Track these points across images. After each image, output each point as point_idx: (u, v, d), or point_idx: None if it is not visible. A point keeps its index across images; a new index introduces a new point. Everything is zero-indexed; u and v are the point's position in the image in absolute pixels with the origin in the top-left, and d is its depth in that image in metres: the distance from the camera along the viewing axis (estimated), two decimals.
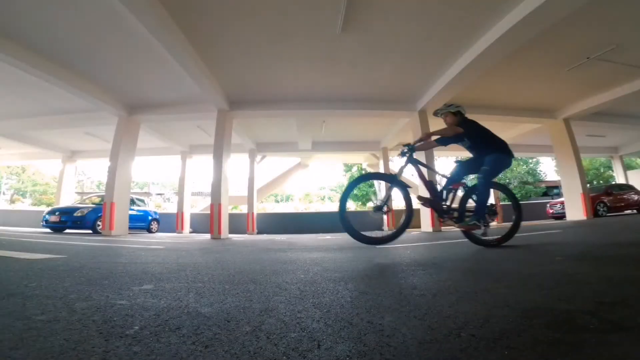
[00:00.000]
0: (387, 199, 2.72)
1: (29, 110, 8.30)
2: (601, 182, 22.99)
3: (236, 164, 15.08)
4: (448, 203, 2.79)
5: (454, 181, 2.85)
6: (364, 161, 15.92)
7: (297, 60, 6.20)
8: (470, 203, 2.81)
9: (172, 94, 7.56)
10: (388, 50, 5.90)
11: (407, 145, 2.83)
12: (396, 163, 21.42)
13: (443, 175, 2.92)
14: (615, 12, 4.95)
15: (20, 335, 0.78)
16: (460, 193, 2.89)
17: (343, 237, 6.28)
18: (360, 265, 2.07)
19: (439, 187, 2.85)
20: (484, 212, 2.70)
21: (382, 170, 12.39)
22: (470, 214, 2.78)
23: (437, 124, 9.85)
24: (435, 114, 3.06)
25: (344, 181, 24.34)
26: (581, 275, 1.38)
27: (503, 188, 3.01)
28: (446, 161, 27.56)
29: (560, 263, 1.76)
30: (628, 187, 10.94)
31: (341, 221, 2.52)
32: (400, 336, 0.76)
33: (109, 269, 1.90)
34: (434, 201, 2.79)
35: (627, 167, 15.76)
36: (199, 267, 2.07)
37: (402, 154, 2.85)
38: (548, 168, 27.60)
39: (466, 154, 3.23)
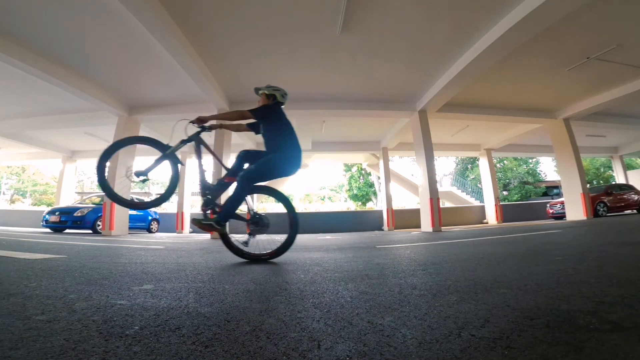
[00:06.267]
0: (150, 169, 2.34)
1: (29, 110, 8.29)
2: (601, 182, 22.99)
3: None
4: (214, 196, 2.42)
5: (229, 174, 2.48)
6: (364, 161, 15.90)
7: (297, 60, 6.20)
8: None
9: (173, 94, 7.56)
10: (388, 50, 5.90)
11: (200, 121, 2.43)
12: (396, 162, 21.43)
13: (224, 166, 2.59)
14: (616, 12, 4.95)
15: (20, 335, 0.78)
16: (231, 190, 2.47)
17: (343, 237, 6.28)
18: (360, 265, 2.07)
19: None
20: (228, 215, 2.34)
21: (382, 170, 12.38)
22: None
23: (437, 124, 9.84)
24: (255, 91, 2.70)
25: (344, 181, 24.36)
26: (581, 275, 1.38)
27: (274, 193, 2.57)
28: (446, 161, 27.65)
29: (560, 263, 1.76)
30: (628, 187, 10.94)
31: (100, 184, 2.25)
32: (400, 336, 0.76)
33: (109, 269, 1.90)
34: (201, 189, 2.42)
35: (627, 167, 15.76)
36: (199, 267, 2.07)
37: (199, 131, 2.46)
38: (548, 168, 27.66)
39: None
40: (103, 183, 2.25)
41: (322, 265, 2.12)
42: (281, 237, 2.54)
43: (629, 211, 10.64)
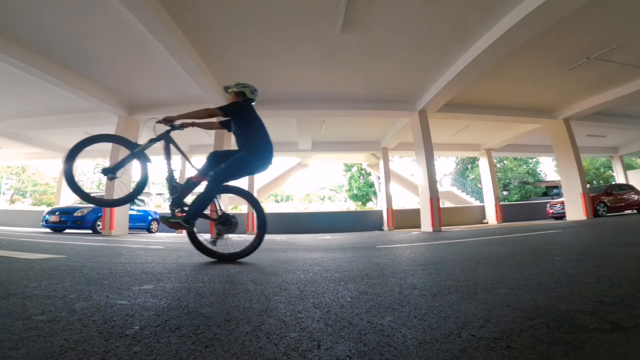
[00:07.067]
0: (120, 165, 2.33)
1: (29, 110, 8.30)
2: (601, 182, 22.98)
3: None
4: (182, 195, 2.41)
5: (199, 174, 2.47)
6: (364, 161, 15.91)
7: (297, 60, 6.20)
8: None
9: (172, 93, 7.56)
10: (388, 50, 5.90)
11: (167, 121, 2.41)
12: (396, 162, 21.45)
13: (193, 166, 2.56)
14: (616, 12, 4.95)
15: (20, 335, 0.78)
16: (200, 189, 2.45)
17: (343, 237, 6.28)
18: (360, 265, 2.07)
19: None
20: (197, 214, 2.33)
21: (382, 170, 12.38)
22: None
23: (437, 124, 9.83)
24: (225, 89, 2.74)
25: (344, 181, 24.36)
26: (581, 275, 1.38)
27: (243, 194, 2.53)
28: (446, 161, 27.64)
29: (560, 263, 1.76)
30: (628, 187, 10.94)
31: (68, 182, 2.24)
32: (400, 336, 0.76)
33: (109, 269, 1.90)
34: (169, 187, 2.41)
35: (627, 167, 15.76)
36: (199, 267, 2.07)
37: (168, 130, 2.44)
38: (548, 168, 27.65)
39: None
40: (71, 181, 2.24)
41: (322, 265, 2.12)
42: (250, 237, 2.54)
43: (629, 211, 10.64)
